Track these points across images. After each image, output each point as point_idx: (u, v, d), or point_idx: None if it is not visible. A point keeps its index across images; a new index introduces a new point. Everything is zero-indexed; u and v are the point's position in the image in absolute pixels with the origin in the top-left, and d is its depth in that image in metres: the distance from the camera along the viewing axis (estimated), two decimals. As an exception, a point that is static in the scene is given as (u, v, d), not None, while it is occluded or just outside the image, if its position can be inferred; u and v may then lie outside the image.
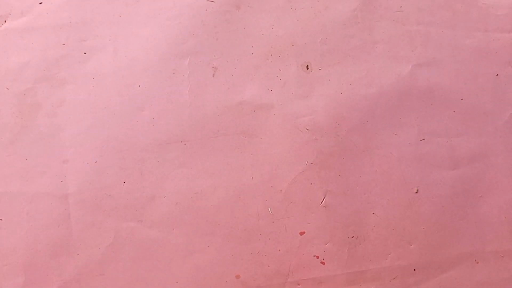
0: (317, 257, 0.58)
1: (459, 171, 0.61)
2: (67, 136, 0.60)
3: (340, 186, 0.60)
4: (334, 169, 0.61)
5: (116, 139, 0.60)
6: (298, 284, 0.57)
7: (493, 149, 0.62)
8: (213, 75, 0.64)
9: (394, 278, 0.57)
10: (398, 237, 0.59)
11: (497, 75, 0.65)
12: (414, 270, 0.58)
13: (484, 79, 0.65)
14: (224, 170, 0.60)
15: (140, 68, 0.63)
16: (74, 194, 0.58)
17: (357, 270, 0.57)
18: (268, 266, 0.57)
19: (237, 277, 0.57)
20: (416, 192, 0.60)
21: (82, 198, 0.58)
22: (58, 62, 0.63)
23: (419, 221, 0.59)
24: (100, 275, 0.56)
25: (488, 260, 0.58)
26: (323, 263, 0.57)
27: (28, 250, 0.56)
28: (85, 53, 0.64)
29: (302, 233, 0.58)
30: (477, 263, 0.58)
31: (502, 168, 0.62)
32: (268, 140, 0.61)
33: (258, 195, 0.59)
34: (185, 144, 0.61)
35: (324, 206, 0.59)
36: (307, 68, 0.65)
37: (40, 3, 0.65)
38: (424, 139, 0.61)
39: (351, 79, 0.64)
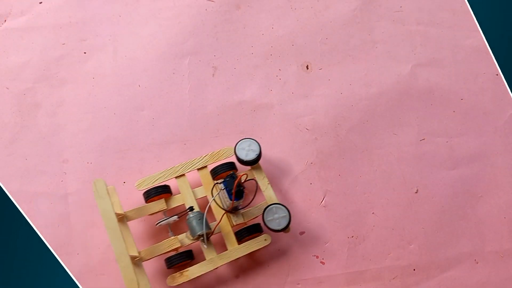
0: (317, 257, 0.58)
1: (459, 171, 0.61)
2: (67, 135, 0.60)
3: (340, 186, 0.60)
4: (334, 169, 0.61)
5: (116, 139, 0.60)
6: (298, 284, 0.57)
7: (493, 149, 0.62)
8: (213, 75, 0.64)
9: (394, 278, 0.57)
10: (398, 237, 0.59)
11: (497, 75, 0.65)
12: (414, 270, 0.58)
13: (484, 79, 0.65)
14: (224, 170, 0.60)
15: (140, 68, 0.63)
16: (74, 194, 0.58)
17: (357, 270, 0.57)
18: (268, 266, 0.57)
19: (237, 277, 0.57)
20: (416, 192, 0.60)
21: (82, 198, 0.58)
22: (58, 62, 0.63)
23: (419, 221, 0.59)
24: (100, 275, 0.56)
25: (488, 260, 0.58)
26: (323, 263, 0.57)
27: (28, 250, 0.56)
28: (85, 53, 0.64)
29: (302, 233, 0.58)
30: (477, 263, 0.58)
31: (502, 168, 0.62)
32: (268, 140, 0.61)
33: (258, 195, 0.59)
34: (185, 144, 0.61)
35: (324, 206, 0.59)
36: (307, 68, 0.65)
37: (40, 3, 0.65)
38: (424, 139, 0.61)
39: (351, 79, 0.64)
